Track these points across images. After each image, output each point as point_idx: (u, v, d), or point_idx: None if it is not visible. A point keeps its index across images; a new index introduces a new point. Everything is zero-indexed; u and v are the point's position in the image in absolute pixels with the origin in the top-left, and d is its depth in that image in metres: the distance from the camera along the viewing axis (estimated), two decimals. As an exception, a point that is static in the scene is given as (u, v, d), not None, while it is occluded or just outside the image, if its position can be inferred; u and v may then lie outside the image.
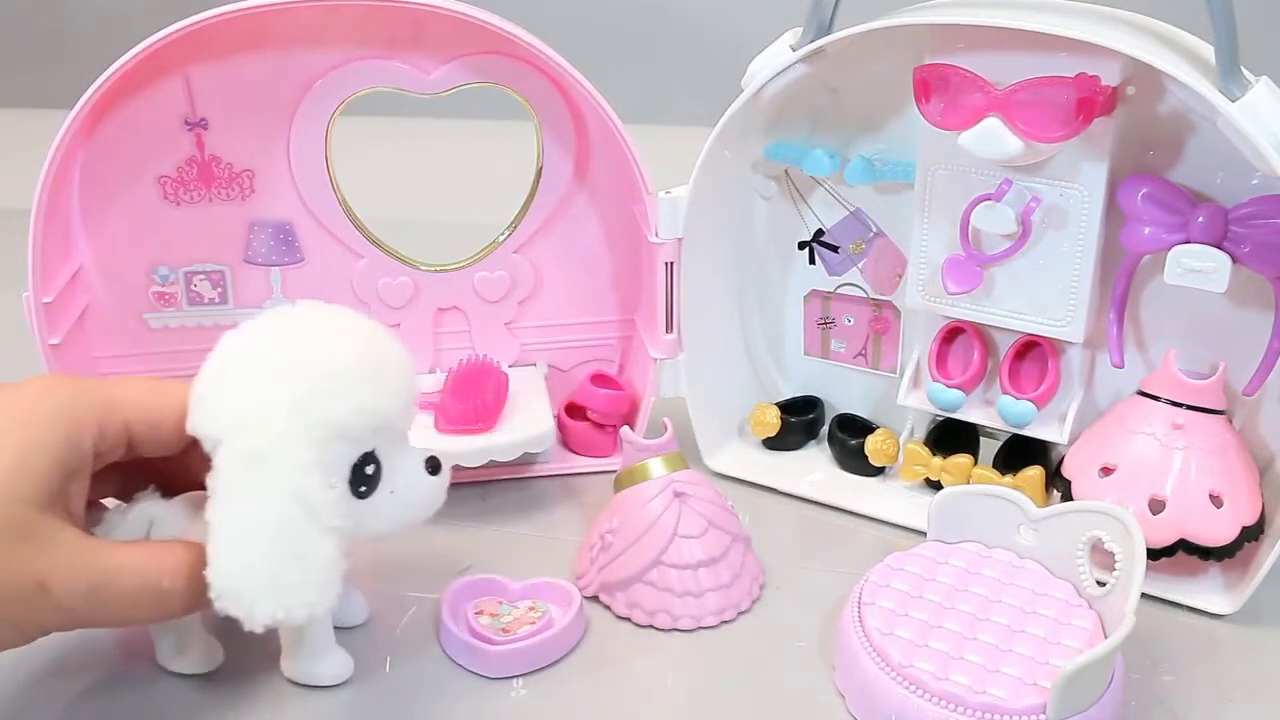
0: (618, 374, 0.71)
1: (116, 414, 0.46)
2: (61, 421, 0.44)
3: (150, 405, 0.46)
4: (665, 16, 1.39)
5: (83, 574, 0.43)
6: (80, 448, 0.44)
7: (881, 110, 0.62)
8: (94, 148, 0.61)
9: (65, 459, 0.44)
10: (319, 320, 0.48)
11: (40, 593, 0.42)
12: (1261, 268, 0.53)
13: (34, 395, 0.44)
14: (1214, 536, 0.54)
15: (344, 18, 0.61)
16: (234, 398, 0.45)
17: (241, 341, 0.47)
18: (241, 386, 0.45)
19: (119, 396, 0.46)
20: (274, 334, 0.47)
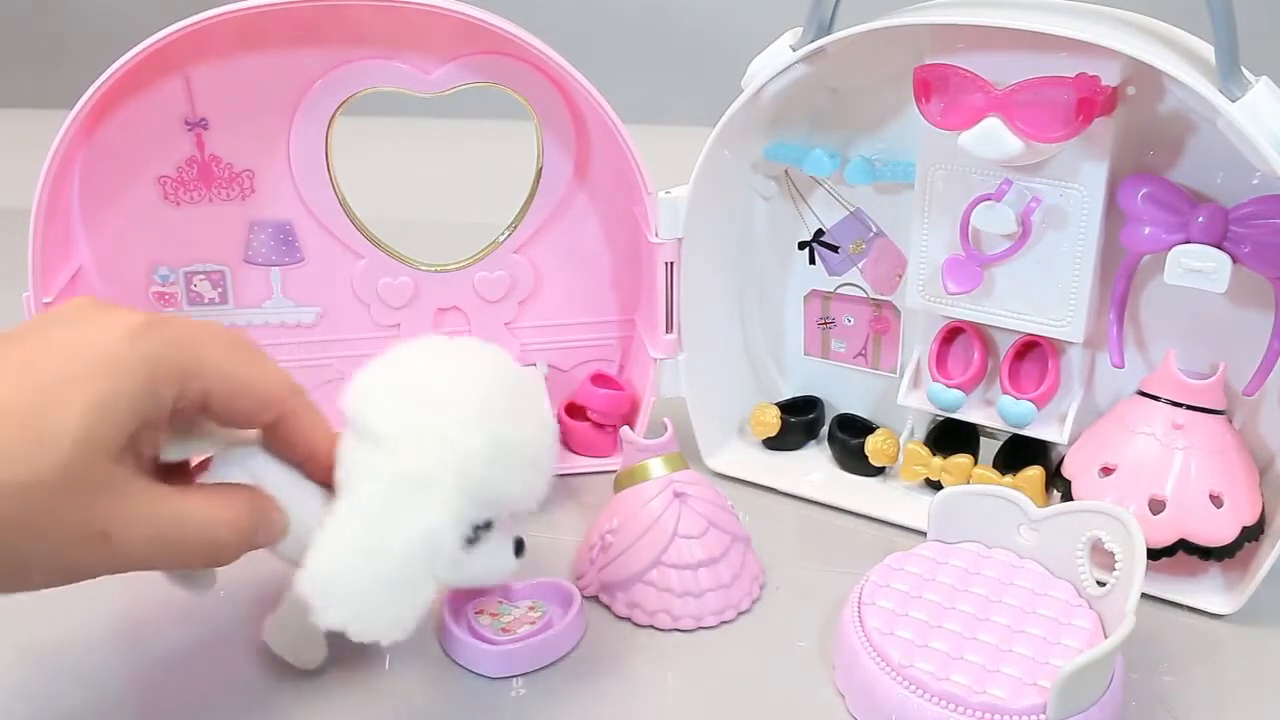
0: (618, 374, 0.71)
1: (200, 379, 0.43)
2: (147, 372, 0.41)
3: (233, 379, 0.45)
4: (665, 16, 1.39)
5: (147, 526, 0.42)
6: (160, 401, 0.42)
7: (881, 110, 0.62)
8: (94, 148, 0.61)
9: (145, 410, 0.42)
10: (525, 383, 0.49)
11: (102, 541, 0.41)
12: (1261, 268, 0.53)
13: (124, 337, 0.41)
14: (1214, 536, 0.54)
15: (344, 18, 0.61)
16: (415, 412, 0.45)
17: (449, 362, 0.47)
18: (427, 404, 0.45)
19: (207, 360, 0.44)
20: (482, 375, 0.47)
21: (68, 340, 0.41)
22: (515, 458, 0.46)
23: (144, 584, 0.47)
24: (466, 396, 0.46)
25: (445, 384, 0.46)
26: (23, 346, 0.41)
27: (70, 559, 0.41)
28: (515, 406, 0.47)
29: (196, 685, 0.52)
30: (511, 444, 0.46)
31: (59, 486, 0.39)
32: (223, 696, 0.51)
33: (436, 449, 0.44)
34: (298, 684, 0.52)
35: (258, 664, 0.53)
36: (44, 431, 0.39)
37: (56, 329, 0.42)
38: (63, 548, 0.40)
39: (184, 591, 0.50)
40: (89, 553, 0.41)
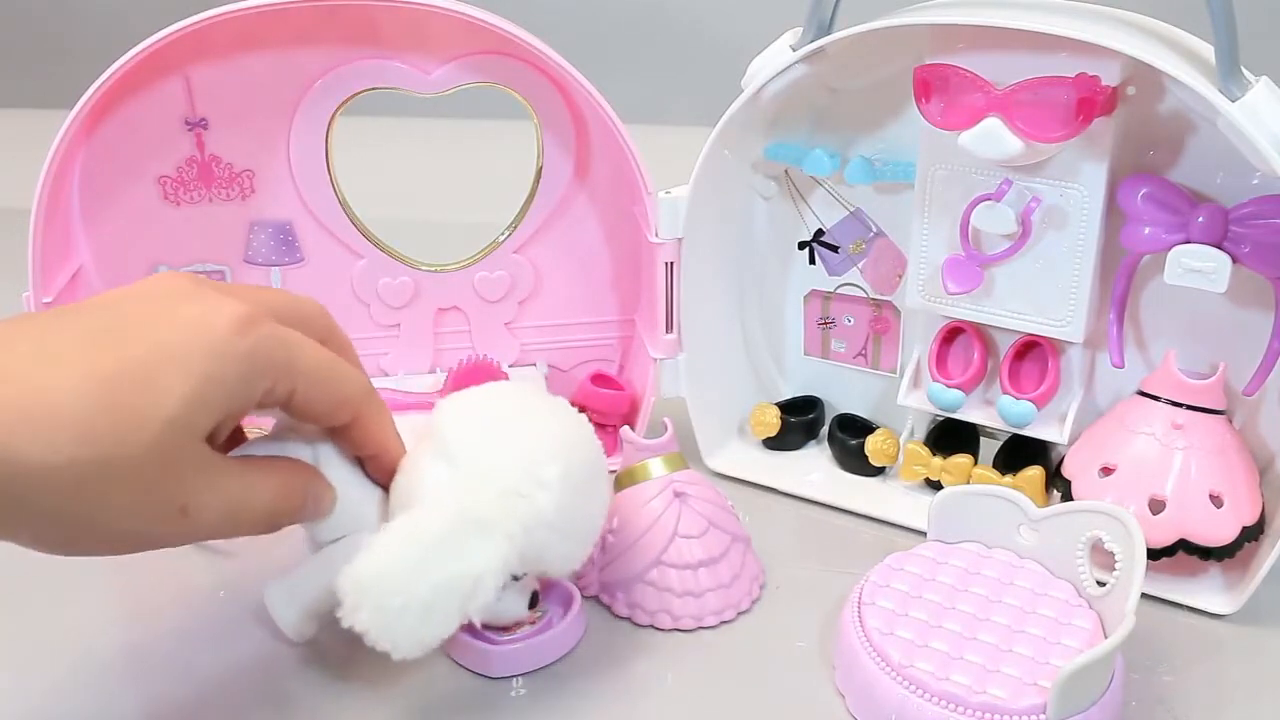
0: (618, 374, 0.71)
1: (290, 379, 0.44)
2: (246, 367, 0.42)
3: (324, 384, 0.46)
4: (665, 16, 1.39)
5: (220, 502, 0.43)
6: (252, 396, 0.43)
7: (881, 110, 0.62)
8: (94, 148, 0.61)
9: (237, 402, 0.42)
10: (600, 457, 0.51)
11: (180, 515, 0.41)
12: (1261, 268, 0.53)
13: (230, 327, 0.42)
14: (1214, 536, 0.54)
15: (344, 18, 0.61)
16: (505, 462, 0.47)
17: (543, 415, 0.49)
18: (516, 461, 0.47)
19: (300, 361, 0.44)
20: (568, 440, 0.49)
21: (166, 324, 0.41)
22: (573, 529, 0.48)
23: (142, 569, 0.47)
24: (549, 457, 0.47)
25: (534, 437, 0.48)
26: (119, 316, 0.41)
27: (148, 531, 0.42)
28: (588, 479, 0.49)
29: (195, 681, 0.52)
30: (575, 515, 0.48)
31: (144, 465, 0.39)
32: (222, 694, 0.51)
33: (507, 500, 0.46)
34: (298, 683, 0.52)
35: (257, 664, 0.53)
36: (137, 412, 0.39)
37: (147, 306, 0.42)
38: (142, 521, 0.41)
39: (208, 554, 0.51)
40: (166, 526, 0.42)
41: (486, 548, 0.45)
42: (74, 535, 0.40)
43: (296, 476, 0.47)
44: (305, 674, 0.52)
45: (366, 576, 0.44)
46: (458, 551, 0.45)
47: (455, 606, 0.45)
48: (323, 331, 0.48)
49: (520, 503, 0.46)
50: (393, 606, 0.44)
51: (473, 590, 0.45)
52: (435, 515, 0.45)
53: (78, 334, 0.40)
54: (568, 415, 0.51)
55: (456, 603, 0.45)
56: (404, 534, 0.45)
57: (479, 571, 0.45)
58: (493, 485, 0.46)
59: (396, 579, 0.44)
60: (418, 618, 0.44)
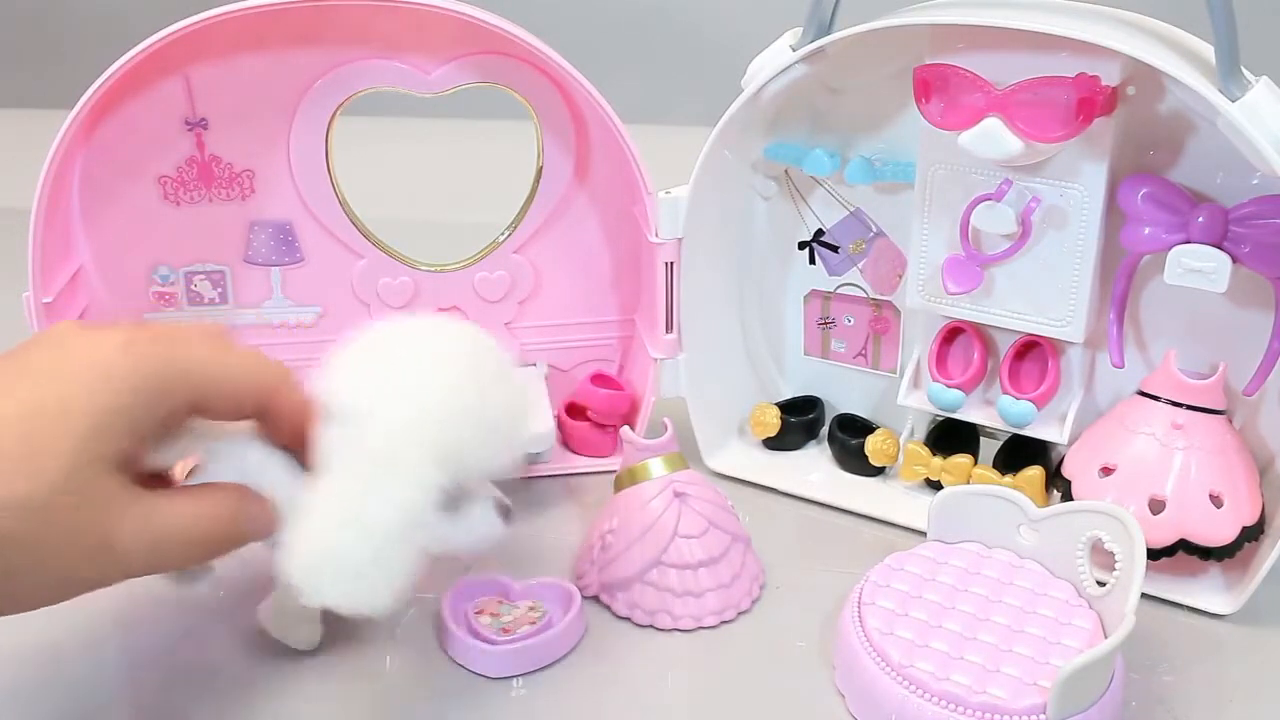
0: (618, 374, 0.71)
1: (188, 384, 0.44)
2: (144, 387, 0.42)
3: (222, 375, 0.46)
4: (665, 16, 1.39)
5: (145, 533, 0.43)
6: (154, 413, 0.43)
7: (881, 110, 0.62)
8: (94, 148, 0.61)
9: (139, 423, 0.43)
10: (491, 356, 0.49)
11: (105, 553, 0.42)
12: (1261, 268, 0.53)
13: (120, 351, 0.42)
14: (1214, 536, 0.54)
15: (344, 18, 0.61)
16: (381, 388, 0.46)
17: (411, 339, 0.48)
18: (393, 380, 0.46)
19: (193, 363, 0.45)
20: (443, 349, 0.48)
21: (59, 359, 0.42)
22: (480, 426, 0.47)
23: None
24: (430, 370, 0.47)
25: (408, 360, 0.47)
26: (19, 366, 0.42)
27: (76, 572, 0.42)
28: (479, 376, 0.48)
29: (194, 683, 0.52)
30: (476, 413, 0.47)
31: (57, 502, 0.40)
32: (221, 695, 0.51)
33: (403, 425, 0.45)
34: (298, 683, 0.52)
35: (257, 664, 0.53)
36: (40, 449, 0.40)
37: (45, 350, 0.43)
38: (67, 562, 0.41)
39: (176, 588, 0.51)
40: (93, 565, 0.42)
41: (403, 476, 0.45)
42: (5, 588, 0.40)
43: (224, 497, 0.46)
44: (305, 674, 0.52)
45: (305, 557, 0.44)
46: (376, 494, 0.44)
47: (402, 545, 0.44)
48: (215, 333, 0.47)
49: (414, 421, 0.45)
50: (343, 573, 0.44)
51: (409, 522, 0.44)
52: (342, 470, 0.45)
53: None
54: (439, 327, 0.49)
55: (400, 541, 0.44)
56: (321, 500, 0.45)
57: (404, 502, 0.44)
58: (384, 419, 0.46)
59: (333, 546, 0.44)
60: (371, 572, 0.44)
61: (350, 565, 0.44)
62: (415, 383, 0.46)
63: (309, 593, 0.43)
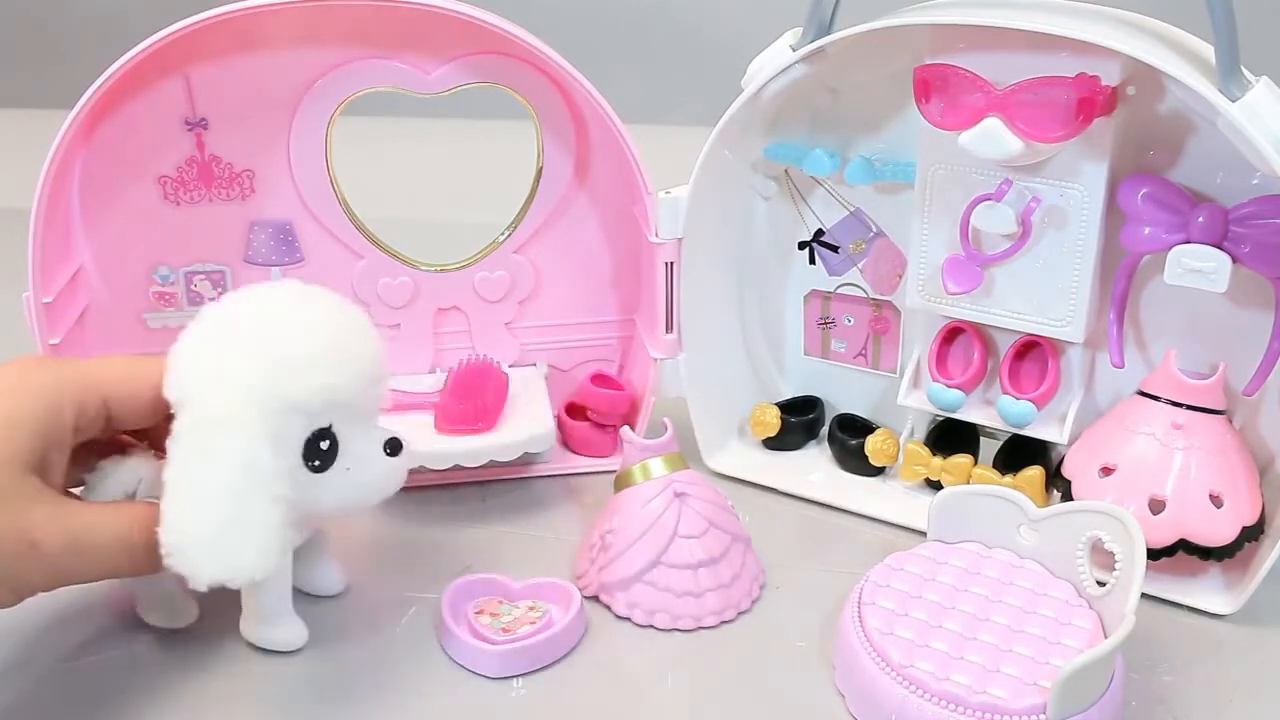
0: (618, 374, 0.71)
1: (95, 391, 0.48)
2: (44, 394, 0.47)
3: (128, 379, 0.49)
4: (665, 16, 1.39)
5: (65, 530, 0.46)
6: (61, 420, 0.47)
7: (881, 110, 0.62)
8: (94, 148, 0.61)
9: (46, 429, 0.46)
10: (293, 298, 0.50)
11: (30, 549, 0.45)
12: (1261, 268, 0.53)
13: (18, 370, 0.47)
14: (1214, 536, 0.54)
15: (344, 18, 0.61)
16: (198, 365, 0.48)
17: (216, 310, 0.49)
18: (206, 354, 0.48)
19: (97, 374, 0.49)
20: (247, 307, 0.49)
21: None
22: (306, 361, 0.47)
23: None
24: (240, 331, 0.48)
25: (221, 329, 0.48)
26: None
27: (5, 571, 0.45)
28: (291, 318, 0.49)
29: (192, 683, 0.52)
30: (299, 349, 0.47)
31: None
32: (221, 695, 0.51)
33: (215, 384, 0.46)
34: (297, 683, 0.52)
35: (255, 663, 0.53)
36: None
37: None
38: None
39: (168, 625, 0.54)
40: (22, 563, 0.45)
41: (234, 435, 0.45)
42: None
43: (144, 508, 0.48)
44: (304, 675, 0.52)
45: (174, 542, 0.45)
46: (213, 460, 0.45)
47: (256, 503, 0.45)
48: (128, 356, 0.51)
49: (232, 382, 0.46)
50: (209, 544, 0.44)
51: (255, 478, 0.45)
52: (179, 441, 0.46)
53: None
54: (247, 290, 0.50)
55: (253, 499, 0.45)
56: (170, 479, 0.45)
57: (241, 461, 0.45)
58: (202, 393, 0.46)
59: (189, 517, 0.45)
60: (236, 536, 0.45)
61: (210, 536, 0.45)
62: (226, 343, 0.47)
63: (189, 574, 0.44)
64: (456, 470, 0.61)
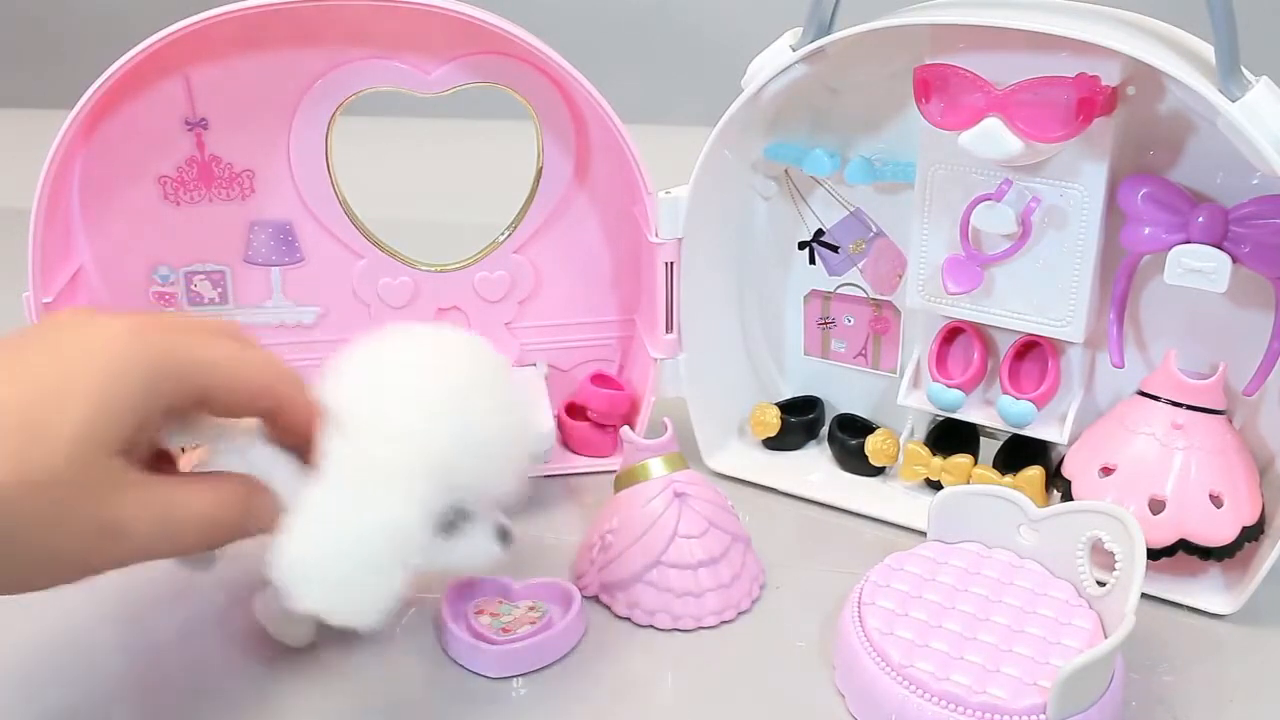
0: (618, 374, 0.71)
1: (195, 379, 0.44)
2: (148, 373, 0.42)
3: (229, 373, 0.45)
4: (665, 16, 1.39)
5: (150, 516, 0.43)
6: (158, 399, 0.43)
7: (881, 110, 0.62)
8: (94, 148, 0.61)
9: (144, 409, 0.42)
10: (494, 369, 0.49)
11: (111, 535, 0.42)
12: (1261, 268, 0.53)
13: (124, 337, 0.42)
14: (1214, 536, 0.54)
15: (344, 18, 0.61)
16: (382, 400, 0.46)
17: (415, 344, 0.48)
18: (395, 394, 0.46)
19: (202, 355, 0.44)
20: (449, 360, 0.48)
21: (65, 343, 0.42)
22: (482, 448, 0.47)
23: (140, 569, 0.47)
24: (435, 386, 0.46)
25: (414, 373, 0.47)
26: (21, 351, 0.42)
27: (82, 554, 0.42)
28: (483, 396, 0.48)
29: (192, 683, 0.52)
30: (478, 434, 0.46)
31: (59, 486, 0.40)
32: (220, 696, 0.51)
33: (402, 440, 0.45)
34: (298, 684, 0.52)
35: (254, 663, 0.53)
36: (43, 432, 0.39)
37: (53, 334, 0.43)
38: (73, 543, 0.41)
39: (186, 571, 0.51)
40: (99, 547, 0.42)
41: (396, 492, 0.44)
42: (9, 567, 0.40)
43: (231, 486, 0.46)
44: (304, 675, 0.52)
45: (293, 561, 0.44)
46: (368, 507, 0.44)
47: (389, 560, 0.44)
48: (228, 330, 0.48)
49: (414, 438, 0.45)
50: (328, 581, 0.44)
51: (398, 538, 0.44)
52: (337, 479, 0.45)
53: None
54: (449, 340, 0.49)
55: (388, 556, 0.44)
56: (314, 507, 0.44)
57: (394, 518, 0.44)
58: (380, 430, 0.45)
59: (321, 553, 0.44)
60: (357, 583, 0.44)
61: (336, 575, 0.43)
62: (420, 397, 0.46)
63: (294, 596, 0.43)
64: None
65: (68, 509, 0.40)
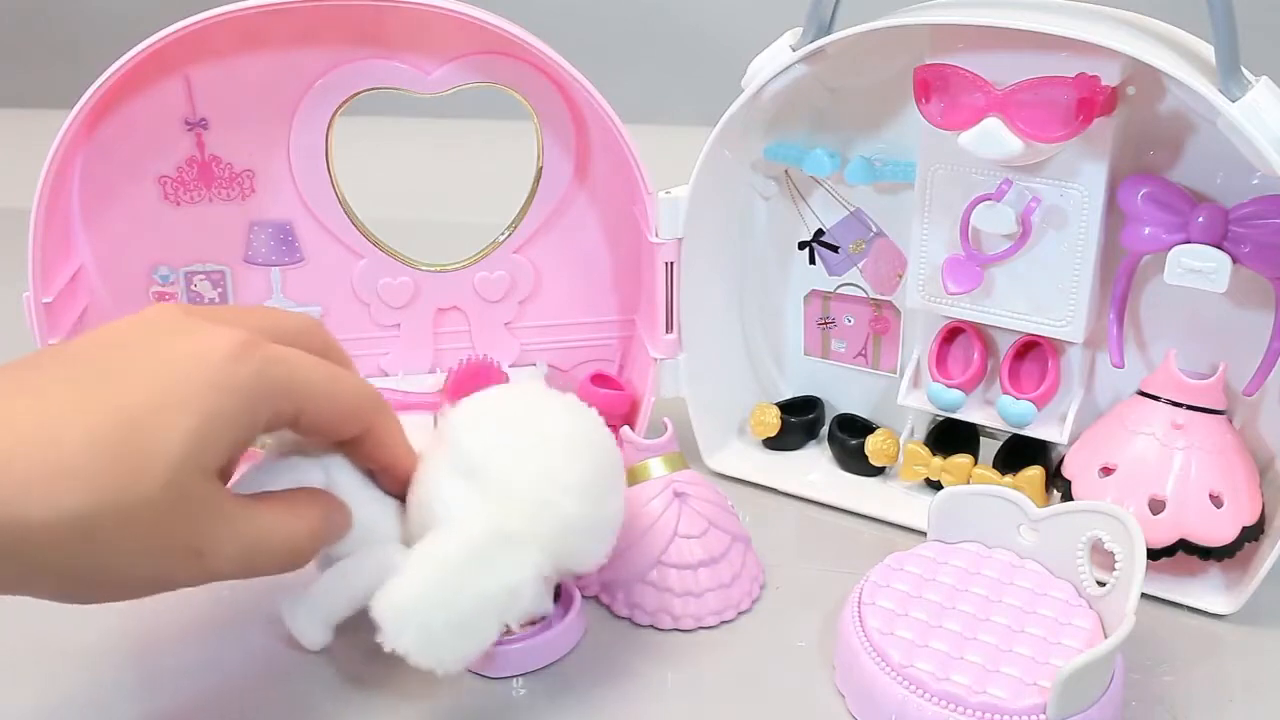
0: (618, 374, 0.71)
1: (293, 400, 0.43)
2: (251, 396, 0.41)
3: (327, 395, 0.44)
4: (665, 16, 1.39)
5: (236, 543, 0.42)
6: (257, 424, 0.42)
7: (881, 110, 0.62)
8: (94, 148, 0.61)
9: (246, 431, 0.41)
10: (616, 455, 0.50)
11: (195, 558, 0.41)
12: (1261, 268, 0.53)
13: (229, 356, 0.41)
14: (1214, 536, 0.54)
15: (344, 18, 0.61)
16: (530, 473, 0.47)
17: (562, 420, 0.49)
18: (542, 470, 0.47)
19: (300, 380, 0.43)
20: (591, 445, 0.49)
21: (162, 362, 0.40)
22: (598, 527, 0.49)
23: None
24: (574, 464, 0.48)
25: (552, 440, 0.48)
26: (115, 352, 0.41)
27: (163, 576, 0.41)
28: (608, 476, 0.49)
29: (198, 682, 0.52)
30: (599, 514, 0.48)
31: (154, 511, 0.39)
32: (223, 695, 0.51)
33: (535, 509, 0.46)
34: (298, 684, 0.52)
35: (259, 665, 0.53)
36: (143, 457, 0.38)
37: (147, 346, 0.41)
38: (156, 567, 0.40)
39: None
40: (182, 570, 0.41)
41: (519, 559, 0.46)
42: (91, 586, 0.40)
43: (314, 509, 0.46)
44: (304, 675, 0.52)
45: (405, 601, 0.44)
46: (491, 567, 0.45)
47: (494, 618, 0.45)
48: (320, 346, 0.46)
49: (545, 510, 0.47)
50: (434, 627, 0.44)
51: (510, 601, 0.45)
52: (463, 533, 0.46)
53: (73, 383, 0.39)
54: (581, 413, 0.50)
55: (495, 615, 0.45)
56: (436, 555, 0.45)
57: (514, 583, 0.45)
58: (516, 495, 0.46)
59: (434, 601, 0.44)
60: (459, 635, 0.45)
61: (443, 628, 0.44)
62: (561, 476, 0.47)
63: (390, 633, 0.44)
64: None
65: (158, 533, 0.39)
